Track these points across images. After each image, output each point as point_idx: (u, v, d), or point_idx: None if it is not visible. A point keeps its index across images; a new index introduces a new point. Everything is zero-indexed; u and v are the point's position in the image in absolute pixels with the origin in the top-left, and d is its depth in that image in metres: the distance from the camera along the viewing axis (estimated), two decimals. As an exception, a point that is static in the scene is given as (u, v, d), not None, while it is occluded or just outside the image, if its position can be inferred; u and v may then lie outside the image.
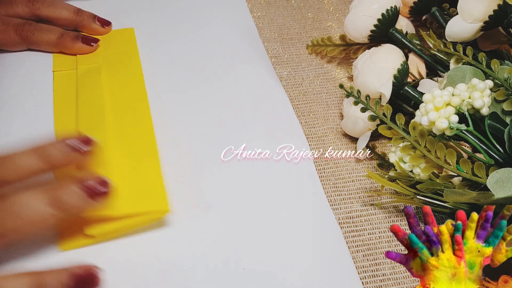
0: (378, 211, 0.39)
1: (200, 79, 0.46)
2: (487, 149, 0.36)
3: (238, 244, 0.35)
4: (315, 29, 0.54)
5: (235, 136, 0.41)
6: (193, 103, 0.44)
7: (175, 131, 0.41)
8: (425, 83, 0.42)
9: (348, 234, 0.37)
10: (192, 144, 0.41)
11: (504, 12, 0.40)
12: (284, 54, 0.51)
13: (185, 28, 0.50)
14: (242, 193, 0.38)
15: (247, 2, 0.56)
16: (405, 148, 0.37)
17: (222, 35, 0.50)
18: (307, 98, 0.47)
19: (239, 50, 0.49)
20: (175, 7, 0.52)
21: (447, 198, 0.34)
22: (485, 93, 0.36)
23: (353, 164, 0.42)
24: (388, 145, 0.43)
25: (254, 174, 0.39)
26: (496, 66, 0.38)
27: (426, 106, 0.35)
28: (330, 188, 0.40)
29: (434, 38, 0.43)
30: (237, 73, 0.46)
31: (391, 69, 0.40)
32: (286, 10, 0.55)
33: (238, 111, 0.43)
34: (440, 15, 0.45)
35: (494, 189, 0.32)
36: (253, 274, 0.33)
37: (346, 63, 0.50)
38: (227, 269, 0.33)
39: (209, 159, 0.39)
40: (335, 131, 0.44)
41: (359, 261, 0.36)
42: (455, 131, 0.35)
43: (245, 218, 0.36)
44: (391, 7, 0.43)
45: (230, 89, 0.45)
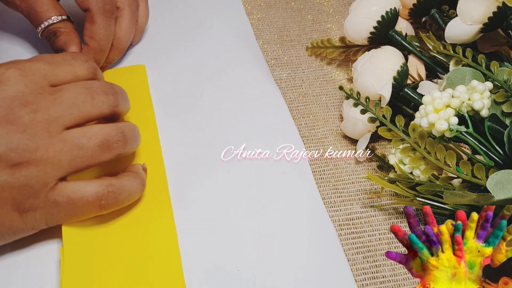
0: (378, 213, 0.39)
1: (200, 79, 0.46)
2: (487, 150, 0.36)
3: (234, 244, 0.35)
4: (314, 31, 0.54)
5: (235, 136, 0.41)
6: (193, 103, 0.44)
7: (175, 131, 0.41)
8: (424, 85, 0.42)
9: (348, 236, 0.37)
10: (192, 144, 0.41)
11: (504, 14, 0.40)
12: (284, 56, 0.51)
13: (184, 31, 0.50)
14: (242, 193, 0.38)
15: (246, 4, 0.56)
16: (405, 150, 0.37)
17: (221, 38, 0.50)
18: (307, 100, 0.47)
19: (238, 53, 0.49)
20: (173, 11, 0.53)
21: (447, 200, 0.34)
22: (485, 94, 0.36)
23: (353, 166, 0.42)
24: (388, 147, 0.43)
25: (254, 174, 0.39)
26: (496, 68, 0.38)
27: (426, 108, 0.35)
28: (330, 190, 0.40)
29: (434, 40, 0.43)
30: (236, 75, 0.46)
31: (390, 71, 0.40)
32: (286, 12, 0.56)
33: (238, 112, 0.43)
34: (440, 17, 0.45)
35: (494, 191, 0.32)
36: (248, 275, 0.33)
37: (346, 65, 0.50)
38: (222, 269, 0.33)
39: (209, 159, 0.39)
40: (335, 133, 0.44)
41: (359, 263, 0.36)
42: (455, 132, 0.35)
43: (244, 218, 0.36)
44: (391, 9, 0.44)
45: (229, 90, 0.45)
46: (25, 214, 0.29)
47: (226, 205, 0.37)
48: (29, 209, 0.29)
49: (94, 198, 0.31)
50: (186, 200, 0.37)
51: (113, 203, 0.32)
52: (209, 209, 0.37)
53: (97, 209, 0.32)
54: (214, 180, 0.38)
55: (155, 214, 0.35)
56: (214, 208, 0.37)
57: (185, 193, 0.37)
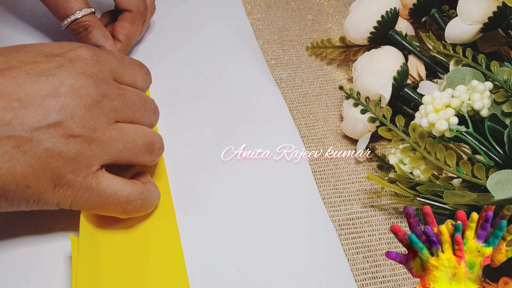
0: (378, 212, 0.39)
1: (200, 79, 0.46)
2: (487, 150, 0.36)
3: (234, 244, 0.35)
4: (314, 31, 0.54)
5: (235, 136, 0.41)
6: (193, 103, 0.44)
7: (175, 131, 0.41)
8: (424, 85, 0.42)
9: (348, 236, 0.37)
10: (192, 144, 0.41)
11: (504, 14, 0.40)
12: (284, 56, 0.51)
13: (184, 31, 0.50)
14: (242, 193, 0.38)
15: (246, 4, 0.56)
16: (405, 149, 0.37)
17: (221, 38, 0.50)
18: (307, 99, 0.47)
19: (238, 53, 0.49)
20: (173, 11, 0.53)
21: (447, 200, 0.34)
22: (485, 94, 0.36)
23: (353, 166, 0.42)
24: (388, 146, 0.43)
25: (254, 174, 0.39)
26: (496, 68, 0.38)
27: (426, 108, 0.35)
28: (330, 190, 0.40)
29: (434, 40, 0.43)
30: (236, 75, 0.46)
31: (390, 71, 0.40)
32: (286, 12, 0.56)
33: (238, 112, 0.43)
34: (440, 16, 0.45)
35: (494, 191, 0.32)
36: (248, 275, 0.33)
37: (346, 65, 0.50)
38: (222, 269, 0.33)
39: (209, 159, 0.39)
40: (335, 132, 0.44)
41: (359, 263, 0.36)
42: (455, 132, 0.35)
43: (244, 219, 0.36)
44: (391, 9, 0.44)
45: (229, 90, 0.45)
46: (59, 187, 0.29)
47: (226, 205, 0.37)
48: (65, 184, 0.29)
49: (125, 199, 0.31)
50: (186, 200, 0.37)
51: (137, 211, 0.33)
52: (209, 209, 0.37)
53: (121, 211, 0.32)
54: (214, 180, 0.38)
55: (157, 213, 0.35)
56: (214, 208, 0.37)
57: (185, 193, 0.37)
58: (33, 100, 0.28)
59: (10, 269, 0.32)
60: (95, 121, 0.30)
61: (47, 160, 0.28)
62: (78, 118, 0.29)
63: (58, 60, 0.30)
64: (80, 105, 0.29)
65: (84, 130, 0.29)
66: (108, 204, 0.31)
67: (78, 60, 0.30)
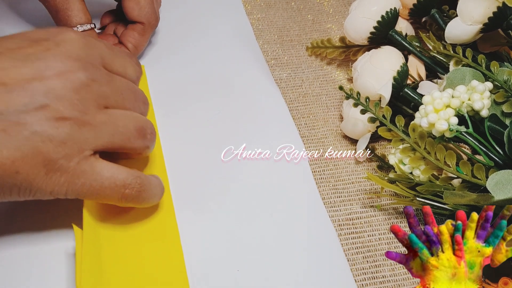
0: (377, 213, 0.39)
1: (200, 79, 0.46)
2: (486, 151, 0.36)
3: (234, 244, 0.35)
4: (315, 31, 0.54)
5: (235, 136, 0.41)
6: (193, 103, 0.44)
7: (175, 131, 0.41)
8: (424, 85, 0.42)
9: (347, 236, 0.37)
10: (192, 144, 0.41)
11: (504, 14, 0.40)
12: (284, 56, 0.51)
13: (184, 31, 0.50)
14: (242, 193, 0.38)
15: (246, 4, 0.56)
16: (404, 150, 0.37)
17: (221, 38, 0.50)
18: (307, 100, 0.47)
19: (238, 53, 0.49)
20: (173, 11, 0.53)
21: (446, 200, 0.34)
22: (485, 95, 0.36)
23: (352, 166, 0.42)
24: (388, 147, 0.43)
25: (254, 174, 0.39)
26: (496, 68, 0.38)
27: (426, 108, 0.35)
28: (330, 190, 0.40)
29: (434, 40, 0.43)
30: (236, 75, 0.46)
31: (390, 71, 0.40)
32: (286, 12, 0.56)
33: (238, 112, 0.43)
34: (440, 17, 0.45)
35: (494, 191, 0.32)
36: (248, 275, 0.33)
37: (346, 65, 0.50)
38: (222, 269, 0.33)
39: (209, 159, 0.39)
40: (335, 133, 0.44)
41: (358, 263, 0.36)
42: (455, 133, 0.35)
43: (244, 218, 0.36)
44: (391, 9, 0.44)
45: (229, 90, 0.45)
46: (51, 173, 0.28)
47: (226, 205, 0.37)
48: (57, 169, 0.28)
49: (121, 183, 0.30)
50: (186, 200, 0.37)
51: (135, 197, 0.31)
52: (209, 209, 0.36)
53: (119, 197, 0.31)
54: (214, 180, 0.38)
55: (157, 213, 0.35)
56: (213, 208, 0.37)
57: (185, 192, 0.37)
58: (18, 84, 0.27)
59: (11, 268, 0.32)
60: (84, 104, 0.29)
61: (36, 144, 0.27)
62: (66, 101, 0.28)
63: (44, 44, 0.29)
64: (68, 87, 0.28)
65: (73, 112, 0.28)
66: (105, 188, 0.30)
67: (65, 44, 0.30)
